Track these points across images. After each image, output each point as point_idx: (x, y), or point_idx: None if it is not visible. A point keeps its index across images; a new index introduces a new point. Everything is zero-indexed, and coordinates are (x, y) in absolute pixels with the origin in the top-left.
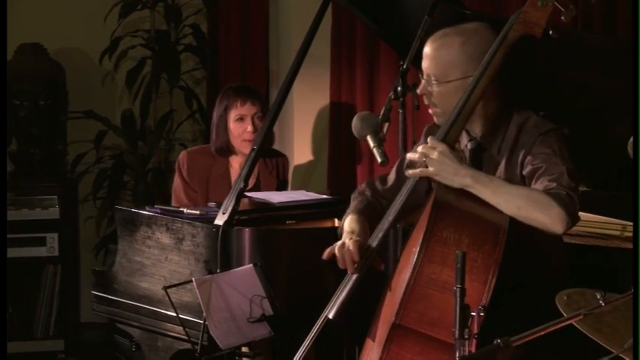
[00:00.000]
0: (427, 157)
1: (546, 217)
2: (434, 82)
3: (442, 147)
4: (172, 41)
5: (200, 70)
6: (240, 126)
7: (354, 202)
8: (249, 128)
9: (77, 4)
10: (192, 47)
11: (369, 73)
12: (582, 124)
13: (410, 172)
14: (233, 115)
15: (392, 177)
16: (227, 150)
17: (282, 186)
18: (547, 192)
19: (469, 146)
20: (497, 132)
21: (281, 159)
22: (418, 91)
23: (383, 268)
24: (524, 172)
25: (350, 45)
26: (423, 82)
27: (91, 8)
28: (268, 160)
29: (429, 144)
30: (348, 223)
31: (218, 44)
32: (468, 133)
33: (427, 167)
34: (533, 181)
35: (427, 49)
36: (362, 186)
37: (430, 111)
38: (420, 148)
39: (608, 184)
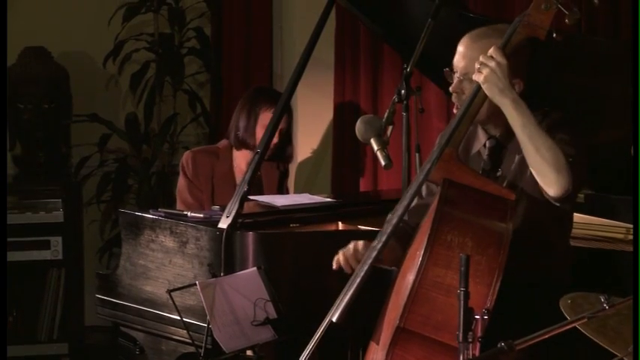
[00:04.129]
0: (483, 64)
1: (554, 173)
2: (471, 80)
3: (502, 60)
4: (176, 44)
5: (204, 74)
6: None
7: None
8: (274, 139)
9: (81, 7)
10: (196, 50)
11: (373, 76)
12: (585, 127)
13: (473, 76)
14: (266, 120)
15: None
16: (247, 145)
17: (283, 177)
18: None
19: (488, 144)
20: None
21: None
22: (451, 88)
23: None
24: None
25: (354, 48)
26: (456, 79)
27: (94, 12)
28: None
29: (490, 53)
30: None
31: (222, 47)
32: (486, 132)
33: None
34: None
35: (466, 49)
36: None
37: (455, 110)
38: (481, 57)
39: (611, 188)
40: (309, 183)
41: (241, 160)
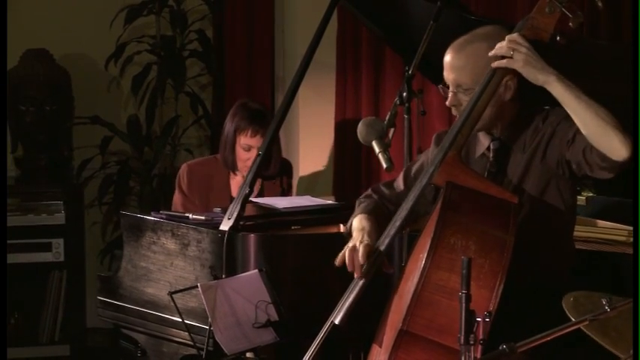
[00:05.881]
0: (515, 51)
1: (621, 134)
2: (465, 91)
3: (528, 44)
4: (178, 47)
5: (205, 76)
6: (246, 154)
7: (361, 205)
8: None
9: (83, 9)
10: (197, 53)
11: (375, 78)
12: None
13: (496, 63)
14: (242, 141)
15: (399, 184)
16: (231, 166)
17: (285, 193)
18: None
19: (492, 146)
20: (520, 132)
21: (285, 166)
22: (447, 103)
23: (392, 271)
24: (562, 153)
25: (355, 51)
26: (450, 93)
27: (96, 14)
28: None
29: (515, 39)
30: (358, 221)
31: (223, 50)
32: (490, 134)
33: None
34: (572, 141)
35: (452, 60)
36: (367, 191)
37: None
38: (505, 43)
39: (614, 190)
40: (311, 185)
41: (239, 174)
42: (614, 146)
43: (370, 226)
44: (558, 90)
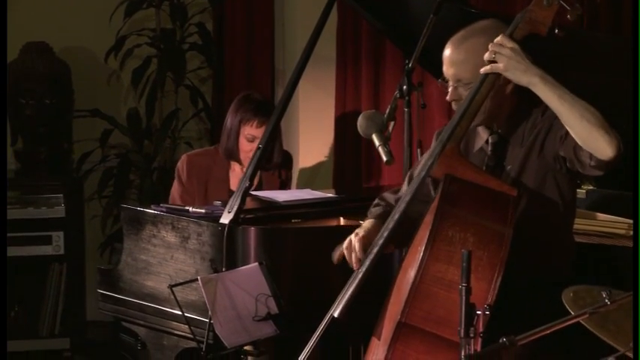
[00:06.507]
0: (498, 53)
1: (606, 135)
2: (465, 85)
3: (513, 44)
4: (178, 40)
5: (205, 69)
6: (249, 144)
7: (371, 213)
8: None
9: (83, 2)
10: (197, 46)
11: (375, 71)
12: None
13: (482, 69)
14: (246, 132)
15: (404, 188)
16: (233, 156)
17: (284, 185)
18: None
19: (491, 140)
20: (518, 126)
21: (285, 157)
22: (447, 98)
23: (393, 251)
24: (556, 149)
25: (355, 44)
26: (450, 89)
27: (96, 7)
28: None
29: (499, 42)
30: (363, 224)
31: (223, 43)
32: (488, 128)
33: (497, 63)
34: (564, 140)
35: (452, 55)
36: (375, 201)
37: None
38: (490, 46)
39: (614, 183)
40: (311, 178)
41: (239, 166)
42: (599, 146)
43: (371, 226)
44: (543, 91)
